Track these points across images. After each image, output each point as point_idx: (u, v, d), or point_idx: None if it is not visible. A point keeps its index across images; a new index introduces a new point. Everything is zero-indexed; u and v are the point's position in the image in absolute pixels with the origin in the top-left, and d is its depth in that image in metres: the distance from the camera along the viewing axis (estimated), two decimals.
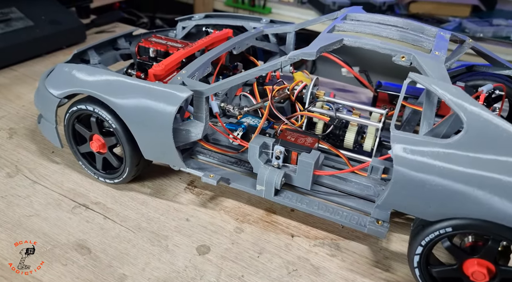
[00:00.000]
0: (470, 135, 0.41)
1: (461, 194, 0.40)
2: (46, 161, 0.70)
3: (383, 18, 0.63)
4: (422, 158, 0.42)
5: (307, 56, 0.52)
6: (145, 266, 0.52)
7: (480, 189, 0.39)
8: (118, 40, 0.81)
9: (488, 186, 0.39)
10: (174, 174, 0.68)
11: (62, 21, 1.05)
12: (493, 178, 0.39)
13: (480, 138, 0.40)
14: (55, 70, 0.64)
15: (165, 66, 0.64)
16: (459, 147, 0.41)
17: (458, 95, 0.43)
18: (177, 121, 0.58)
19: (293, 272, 0.52)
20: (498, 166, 0.39)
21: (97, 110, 0.58)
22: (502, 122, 0.40)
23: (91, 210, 0.60)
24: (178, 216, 0.60)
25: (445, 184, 0.41)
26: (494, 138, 0.40)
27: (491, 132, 0.40)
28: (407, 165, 0.43)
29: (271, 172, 0.57)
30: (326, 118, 0.63)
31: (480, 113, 0.41)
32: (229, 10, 1.87)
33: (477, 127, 0.41)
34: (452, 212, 0.41)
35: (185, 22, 0.86)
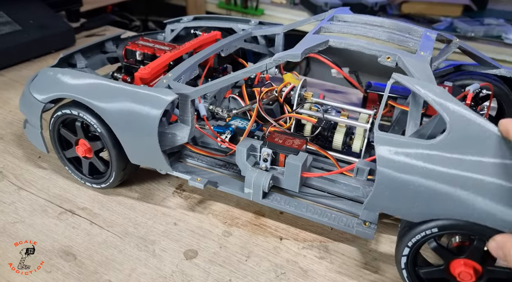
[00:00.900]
0: (453, 136, 0.40)
1: (444, 195, 0.40)
2: (32, 167, 0.69)
3: (369, 19, 0.63)
4: (405, 159, 0.42)
5: (292, 58, 0.51)
6: (132, 272, 0.52)
7: (463, 190, 0.39)
8: (105, 44, 0.80)
9: (471, 187, 0.39)
10: (163, 177, 0.67)
11: (50, 25, 1.04)
12: (475, 178, 0.38)
13: (463, 139, 0.40)
14: (39, 75, 0.63)
15: (151, 70, 0.63)
16: (442, 147, 0.40)
17: (441, 96, 0.43)
18: (163, 125, 0.57)
19: (281, 275, 0.52)
20: (480, 167, 0.39)
21: (82, 115, 0.58)
22: (485, 122, 0.40)
23: (78, 216, 0.60)
24: (166, 220, 0.60)
25: (429, 184, 0.40)
26: (477, 138, 0.39)
27: (474, 133, 0.40)
28: (391, 166, 0.43)
29: (258, 175, 0.56)
30: (314, 119, 0.63)
31: (463, 113, 0.41)
32: (222, 12, 1.87)
33: (460, 128, 0.40)
34: (436, 213, 0.41)
35: (173, 24, 0.86)
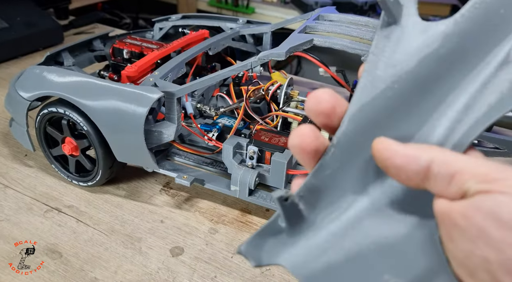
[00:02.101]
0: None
1: None
2: (18, 165, 0.69)
3: (354, 18, 0.63)
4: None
5: (276, 56, 0.52)
6: (117, 269, 0.52)
7: None
8: (93, 42, 0.80)
9: None
10: (150, 175, 0.68)
11: (38, 23, 1.03)
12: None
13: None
14: (25, 73, 0.63)
15: (138, 68, 0.64)
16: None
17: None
18: (149, 123, 0.57)
19: (266, 271, 0.53)
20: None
21: (68, 113, 0.58)
22: None
23: (64, 214, 0.60)
24: (153, 218, 0.60)
25: None
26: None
27: None
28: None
29: (245, 172, 0.57)
30: (299, 118, 0.63)
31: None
32: (213, 10, 1.87)
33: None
34: None
35: (162, 23, 0.86)
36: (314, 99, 0.22)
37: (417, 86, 0.20)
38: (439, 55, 0.20)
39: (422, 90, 0.20)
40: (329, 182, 0.22)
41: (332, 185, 0.22)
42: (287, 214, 0.21)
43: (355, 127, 0.21)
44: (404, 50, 0.21)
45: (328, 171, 0.22)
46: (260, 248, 0.21)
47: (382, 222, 0.21)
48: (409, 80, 0.20)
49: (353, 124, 0.21)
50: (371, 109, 0.21)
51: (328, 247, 0.21)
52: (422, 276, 0.19)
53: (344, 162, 0.22)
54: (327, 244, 0.21)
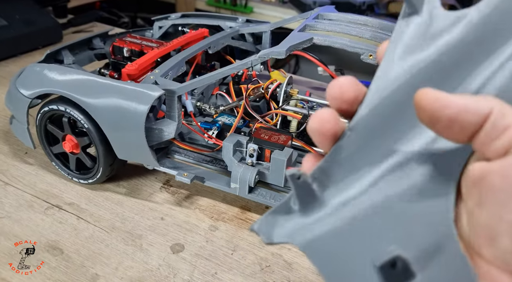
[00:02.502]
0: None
1: None
2: (19, 162, 0.69)
3: (354, 17, 0.64)
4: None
5: (276, 54, 0.52)
6: (118, 266, 0.52)
7: None
8: (93, 40, 0.80)
9: None
10: (150, 173, 0.68)
11: (37, 21, 1.03)
12: None
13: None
14: (26, 70, 0.63)
15: (138, 66, 0.64)
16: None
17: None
18: (150, 121, 0.58)
19: (266, 268, 0.53)
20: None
21: (69, 111, 0.58)
22: None
23: (65, 211, 0.60)
24: (153, 215, 0.60)
25: None
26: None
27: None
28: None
29: (245, 170, 0.57)
30: (299, 116, 0.64)
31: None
32: (211, 9, 1.87)
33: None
34: None
35: (161, 21, 0.86)
36: (337, 88, 0.22)
37: (436, 71, 0.21)
38: (459, 43, 0.21)
39: (441, 75, 0.21)
40: (344, 165, 0.22)
41: (347, 167, 0.22)
42: (300, 193, 0.21)
43: (373, 111, 0.22)
44: (423, 37, 0.21)
45: (344, 154, 0.22)
46: (272, 226, 0.21)
47: (393, 195, 0.21)
48: (428, 65, 0.21)
49: (370, 109, 0.22)
50: (387, 94, 0.21)
51: (337, 220, 0.21)
52: (430, 250, 0.19)
53: (361, 145, 0.22)
54: (336, 219, 0.21)
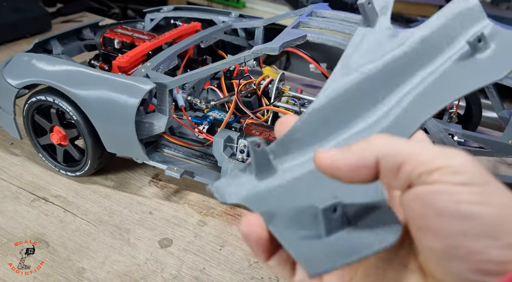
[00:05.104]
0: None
1: None
2: (4, 153, 0.67)
3: (347, 15, 0.64)
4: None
5: (270, 50, 0.52)
6: (105, 260, 0.52)
7: None
8: (83, 30, 0.79)
9: None
10: (139, 167, 0.67)
11: (25, 9, 1.01)
12: None
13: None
14: (13, 59, 0.62)
15: (129, 58, 0.63)
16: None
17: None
18: (140, 114, 0.57)
19: (254, 264, 0.53)
20: None
21: (57, 102, 0.57)
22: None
23: (51, 203, 0.59)
24: (142, 209, 0.60)
25: None
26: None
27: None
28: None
29: (235, 166, 0.57)
30: (290, 113, 0.64)
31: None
32: (203, 3, 1.86)
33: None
34: None
35: (153, 14, 0.85)
36: (284, 125, 0.26)
37: (379, 78, 0.26)
38: (400, 55, 0.26)
39: (382, 82, 0.26)
40: (297, 142, 0.26)
41: (300, 144, 0.26)
42: (257, 159, 0.24)
43: (326, 101, 0.26)
44: (373, 48, 0.27)
45: (299, 134, 0.26)
46: (228, 188, 0.24)
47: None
48: (375, 72, 0.26)
49: (325, 98, 0.26)
50: (340, 88, 0.26)
51: (282, 180, 0.25)
52: (363, 205, 0.22)
53: (311, 130, 0.26)
54: (282, 179, 0.25)
